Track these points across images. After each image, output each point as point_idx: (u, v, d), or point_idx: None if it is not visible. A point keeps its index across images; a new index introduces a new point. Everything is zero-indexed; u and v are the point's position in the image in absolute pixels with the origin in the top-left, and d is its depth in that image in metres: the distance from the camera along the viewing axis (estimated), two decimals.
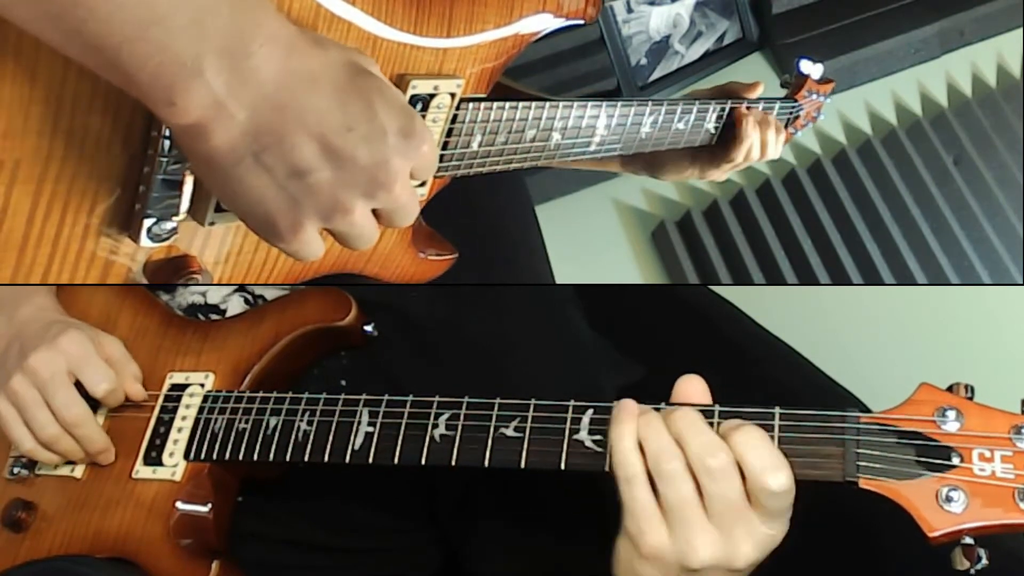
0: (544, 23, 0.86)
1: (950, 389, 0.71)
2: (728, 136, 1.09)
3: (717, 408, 0.74)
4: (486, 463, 0.79)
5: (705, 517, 0.70)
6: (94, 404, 0.93)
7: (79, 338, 0.91)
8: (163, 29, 0.57)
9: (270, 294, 1.01)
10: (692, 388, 0.76)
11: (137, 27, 0.57)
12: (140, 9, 0.56)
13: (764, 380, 1.29)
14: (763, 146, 1.11)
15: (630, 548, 0.72)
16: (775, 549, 0.72)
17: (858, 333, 1.58)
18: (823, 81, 1.19)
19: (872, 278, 1.94)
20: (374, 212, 0.69)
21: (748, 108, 1.09)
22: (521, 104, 0.88)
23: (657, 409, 0.74)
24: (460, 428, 0.80)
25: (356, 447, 0.83)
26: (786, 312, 1.53)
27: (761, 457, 0.69)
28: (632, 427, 0.73)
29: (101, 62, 0.59)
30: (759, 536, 0.70)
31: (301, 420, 0.86)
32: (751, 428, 0.71)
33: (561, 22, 0.87)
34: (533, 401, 0.79)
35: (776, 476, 0.69)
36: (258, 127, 0.62)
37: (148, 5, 0.57)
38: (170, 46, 0.58)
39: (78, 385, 0.91)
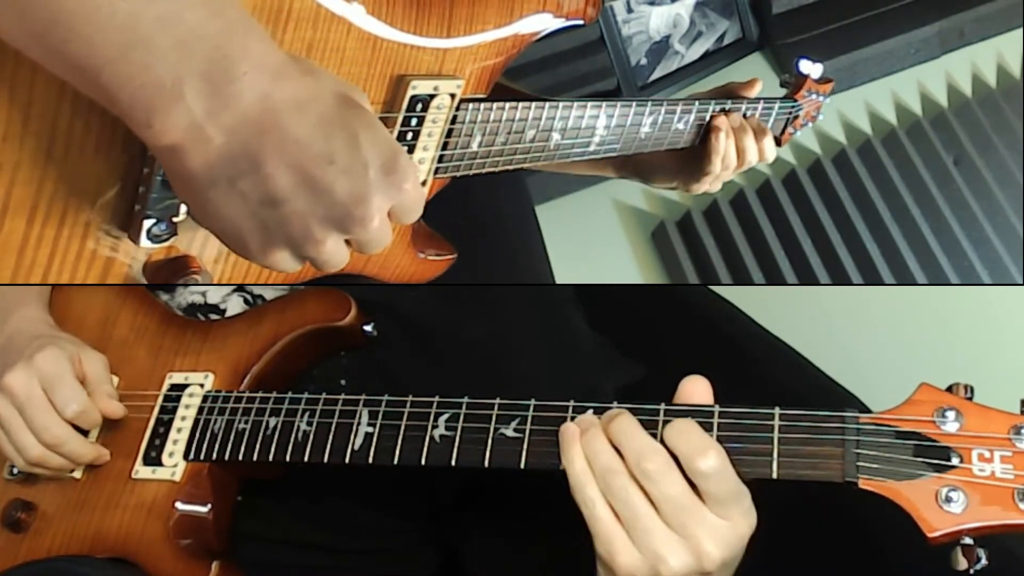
0: (544, 23, 0.86)
1: (950, 389, 0.71)
2: (702, 149, 1.09)
3: (716, 408, 0.74)
4: (486, 463, 0.79)
5: (663, 525, 0.70)
6: None
7: (55, 356, 0.91)
8: (145, 52, 0.57)
9: (269, 294, 1.01)
10: (696, 389, 0.76)
11: (118, 49, 0.56)
12: (122, 32, 0.56)
13: (764, 380, 1.29)
14: (740, 153, 1.10)
15: (605, 571, 0.72)
16: (772, 549, 0.72)
17: (858, 333, 1.58)
18: (823, 81, 1.19)
19: (872, 278, 1.94)
20: (346, 240, 0.69)
21: (726, 112, 1.08)
22: (521, 104, 0.88)
23: (599, 413, 0.76)
24: (460, 428, 0.80)
25: (356, 447, 0.83)
26: (786, 312, 1.53)
27: (688, 442, 0.70)
28: (579, 450, 0.73)
29: (82, 81, 0.59)
30: (719, 532, 0.70)
31: (301, 420, 0.86)
32: (679, 420, 0.72)
33: (561, 22, 0.87)
34: (533, 401, 0.79)
35: (705, 457, 0.69)
36: (235, 152, 0.61)
37: (130, 28, 0.56)
38: (151, 68, 0.57)
39: None
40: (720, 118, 1.07)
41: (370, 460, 0.82)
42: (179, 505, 0.88)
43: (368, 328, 0.97)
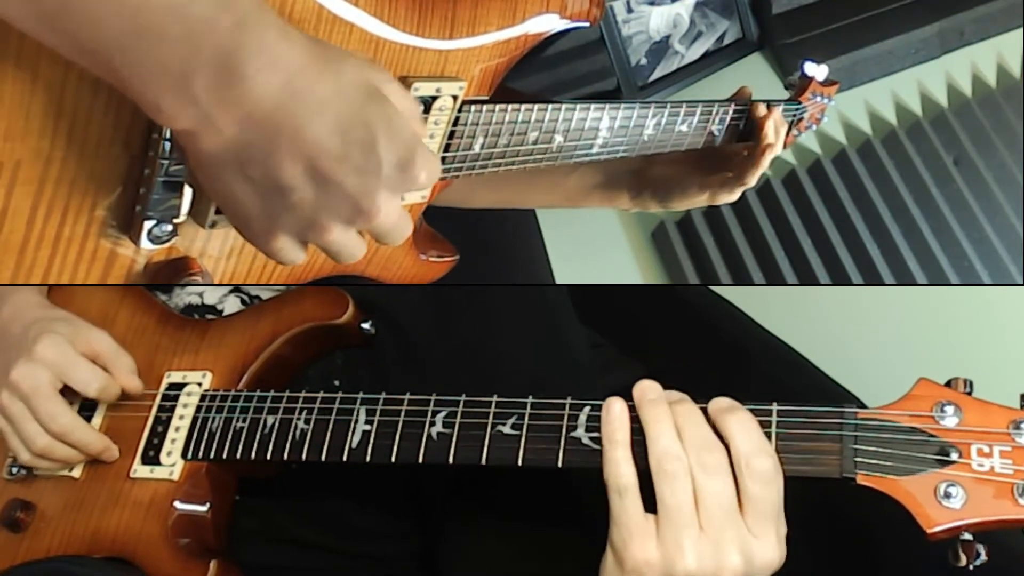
0: (549, 24, 0.85)
1: (949, 384, 0.71)
2: (739, 160, 1.08)
3: None
4: (483, 461, 0.79)
5: (697, 523, 0.69)
6: (92, 403, 0.93)
7: (55, 342, 0.90)
8: (154, 41, 0.57)
9: (266, 295, 1.01)
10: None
11: (128, 37, 0.57)
12: (133, 20, 0.56)
13: (764, 380, 1.29)
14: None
15: (614, 563, 0.71)
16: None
17: (858, 333, 1.58)
18: (827, 83, 1.19)
19: (872, 278, 1.94)
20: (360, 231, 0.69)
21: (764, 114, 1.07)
22: (523, 106, 0.87)
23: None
24: (457, 426, 0.80)
25: (353, 445, 0.83)
26: (786, 312, 1.53)
27: (752, 439, 0.70)
28: (626, 437, 0.73)
29: (94, 64, 0.59)
30: (748, 545, 0.69)
31: (298, 419, 0.86)
32: (742, 412, 0.71)
33: (567, 23, 0.87)
34: (530, 399, 0.79)
35: (764, 457, 0.69)
36: (247, 142, 0.62)
37: (140, 16, 0.56)
38: (160, 57, 0.58)
39: (70, 390, 0.91)
40: (768, 120, 1.06)
41: (367, 458, 0.82)
42: (177, 504, 0.88)
43: (366, 326, 0.97)
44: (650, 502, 0.71)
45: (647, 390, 0.74)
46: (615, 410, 0.74)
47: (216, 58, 0.58)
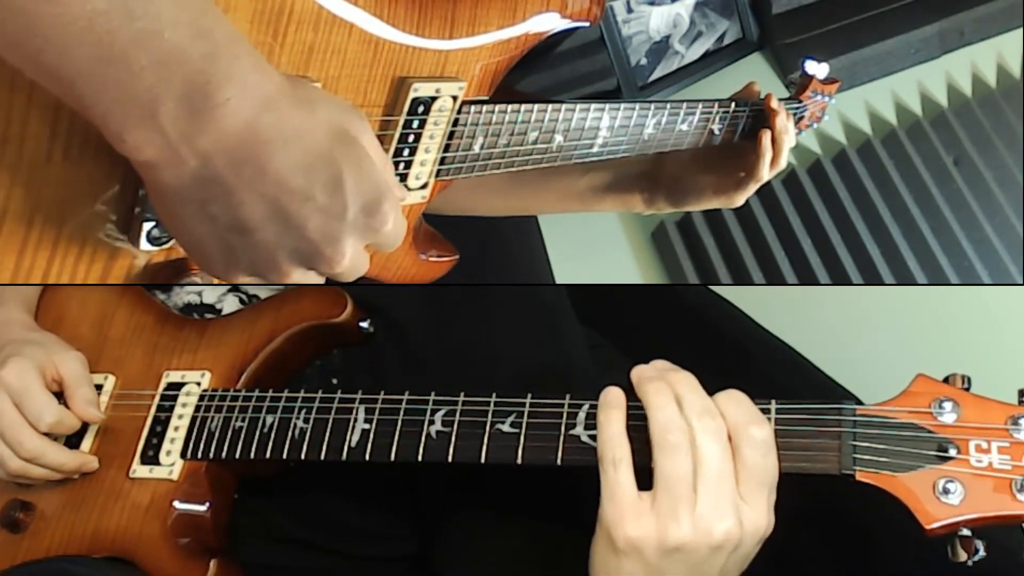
0: (549, 23, 0.85)
1: (947, 380, 0.72)
2: (750, 158, 1.07)
3: None
4: (483, 459, 0.79)
5: (694, 493, 0.69)
6: None
7: (21, 368, 0.90)
8: (120, 68, 0.55)
9: (265, 293, 1.01)
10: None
11: (93, 63, 0.55)
12: (98, 47, 0.54)
13: (764, 380, 1.29)
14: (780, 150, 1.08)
15: (606, 542, 0.71)
16: (767, 545, 0.72)
17: (858, 333, 1.58)
18: (828, 81, 1.18)
19: (872, 278, 1.94)
20: None
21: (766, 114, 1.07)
22: (523, 106, 0.87)
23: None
24: (456, 424, 0.80)
25: (352, 444, 0.83)
26: (786, 312, 1.53)
27: (746, 409, 0.71)
28: (621, 413, 0.73)
29: (57, 88, 0.58)
30: (740, 513, 0.69)
31: (298, 418, 0.86)
32: (735, 391, 0.72)
33: (567, 23, 0.86)
34: (529, 397, 0.79)
35: (761, 426, 0.70)
36: (210, 176, 0.60)
37: (107, 43, 0.54)
38: (127, 86, 0.56)
39: None
40: (781, 113, 1.06)
41: (367, 457, 0.82)
42: (177, 504, 0.88)
43: (364, 325, 0.97)
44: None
45: (645, 370, 0.75)
46: (613, 390, 0.75)
47: (185, 88, 0.57)
